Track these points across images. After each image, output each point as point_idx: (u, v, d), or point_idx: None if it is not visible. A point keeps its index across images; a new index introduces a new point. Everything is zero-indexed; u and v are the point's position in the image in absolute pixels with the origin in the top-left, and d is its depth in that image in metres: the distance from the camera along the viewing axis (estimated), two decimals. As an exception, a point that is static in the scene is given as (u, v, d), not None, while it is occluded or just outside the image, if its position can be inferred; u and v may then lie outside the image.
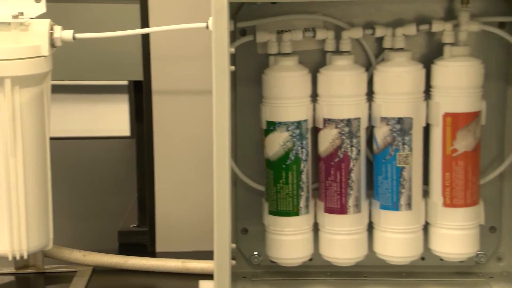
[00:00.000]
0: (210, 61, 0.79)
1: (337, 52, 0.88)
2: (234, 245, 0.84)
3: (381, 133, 0.87)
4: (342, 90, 0.86)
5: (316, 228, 0.91)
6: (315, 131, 0.89)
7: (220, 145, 0.80)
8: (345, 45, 0.88)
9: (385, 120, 0.87)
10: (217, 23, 0.78)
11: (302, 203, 0.89)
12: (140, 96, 1.08)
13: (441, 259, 0.91)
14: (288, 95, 0.87)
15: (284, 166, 0.88)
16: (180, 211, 1.07)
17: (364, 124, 0.88)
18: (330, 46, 0.88)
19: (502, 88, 0.91)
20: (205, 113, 0.90)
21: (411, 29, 0.87)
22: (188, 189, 1.06)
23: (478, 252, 0.92)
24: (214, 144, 0.80)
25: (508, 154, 0.91)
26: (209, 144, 0.81)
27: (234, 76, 0.92)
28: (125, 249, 1.08)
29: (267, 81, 0.88)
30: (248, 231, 0.96)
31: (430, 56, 0.90)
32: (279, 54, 0.88)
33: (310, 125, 0.88)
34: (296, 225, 0.89)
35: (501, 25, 0.89)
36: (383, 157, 0.88)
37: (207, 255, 0.89)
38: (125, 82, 1.62)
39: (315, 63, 0.90)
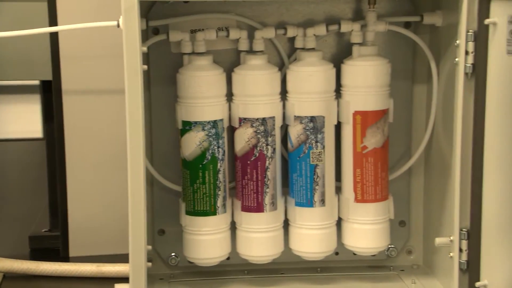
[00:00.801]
0: (122, 60, 0.76)
1: (251, 51, 0.88)
2: (150, 247, 0.82)
3: (295, 132, 0.87)
4: (256, 90, 0.86)
5: (233, 227, 0.90)
6: (231, 130, 0.88)
7: (134, 145, 0.77)
8: (258, 45, 0.87)
9: (299, 118, 0.87)
10: (127, 21, 0.75)
11: (219, 203, 0.87)
12: (50, 97, 1.03)
13: (354, 254, 0.92)
14: (203, 94, 0.85)
15: (200, 165, 0.86)
16: (93, 214, 1.03)
17: (278, 122, 0.87)
18: (243, 45, 0.87)
19: (409, 86, 0.93)
20: (118, 113, 0.87)
21: (321, 30, 0.87)
22: (101, 191, 1.03)
23: (389, 246, 0.94)
24: (128, 145, 0.77)
25: (415, 150, 0.92)
26: (123, 144, 0.78)
27: (147, 75, 0.90)
28: (37, 254, 1.04)
29: (181, 80, 0.86)
30: (165, 232, 0.93)
31: (340, 56, 0.90)
32: (193, 53, 0.86)
33: (226, 124, 0.87)
34: (213, 225, 0.87)
35: (407, 25, 0.91)
36: (298, 155, 0.88)
37: (123, 258, 0.87)
38: (37, 82, 1.56)
39: (230, 63, 0.89)
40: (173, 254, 0.93)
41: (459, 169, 0.81)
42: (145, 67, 0.78)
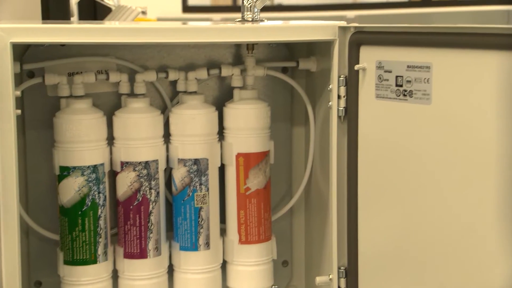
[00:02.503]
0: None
1: (132, 94, 0.88)
2: (25, 300, 0.80)
3: (179, 175, 0.88)
4: (138, 133, 0.85)
5: (115, 275, 0.89)
6: (113, 174, 0.88)
7: (7, 192, 0.74)
8: (140, 88, 0.87)
9: (182, 161, 0.88)
10: (0, 64, 0.74)
11: (100, 250, 0.85)
12: None
13: (239, 296, 0.94)
14: (82, 138, 0.83)
15: (80, 212, 0.84)
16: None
17: (162, 166, 0.87)
18: (124, 88, 0.87)
19: (288, 128, 0.97)
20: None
21: (203, 73, 0.89)
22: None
23: (273, 286, 0.95)
24: (1, 192, 0.74)
25: (295, 191, 0.96)
26: (-5, 192, 0.76)
27: (21, 119, 0.87)
28: None
29: (59, 124, 0.84)
30: (42, 283, 0.90)
31: (222, 99, 0.93)
32: (71, 96, 0.85)
33: (107, 168, 0.86)
34: (94, 274, 0.85)
35: (284, 70, 0.95)
36: (182, 198, 0.88)
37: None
38: None
39: (111, 106, 0.89)
40: (50, 307, 0.91)
41: (335, 208, 0.84)
42: (19, 111, 0.76)
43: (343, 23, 0.81)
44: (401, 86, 0.76)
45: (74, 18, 1.04)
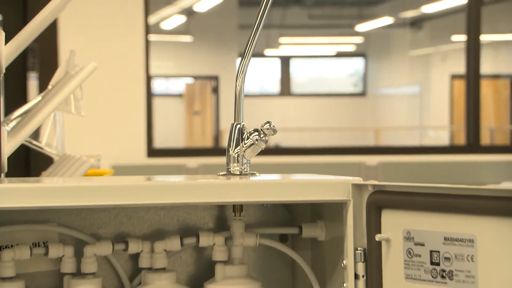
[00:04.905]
0: None
1: (79, 274, 0.85)
2: None
3: None
4: None
5: None
6: None
7: None
8: (89, 265, 0.85)
9: None
10: None
11: None
12: None
13: None
14: None
15: None
16: None
17: None
18: (68, 266, 0.85)
19: None
20: None
21: (174, 243, 0.87)
22: None
23: None
24: None
25: None
26: None
27: None
28: None
29: None
30: None
31: (200, 277, 0.90)
32: None
33: None
34: None
35: (283, 238, 0.93)
36: None
37: None
38: None
39: None
40: None
41: None
42: None
43: (358, 180, 0.81)
44: (438, 264, 0.75)
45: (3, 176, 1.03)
